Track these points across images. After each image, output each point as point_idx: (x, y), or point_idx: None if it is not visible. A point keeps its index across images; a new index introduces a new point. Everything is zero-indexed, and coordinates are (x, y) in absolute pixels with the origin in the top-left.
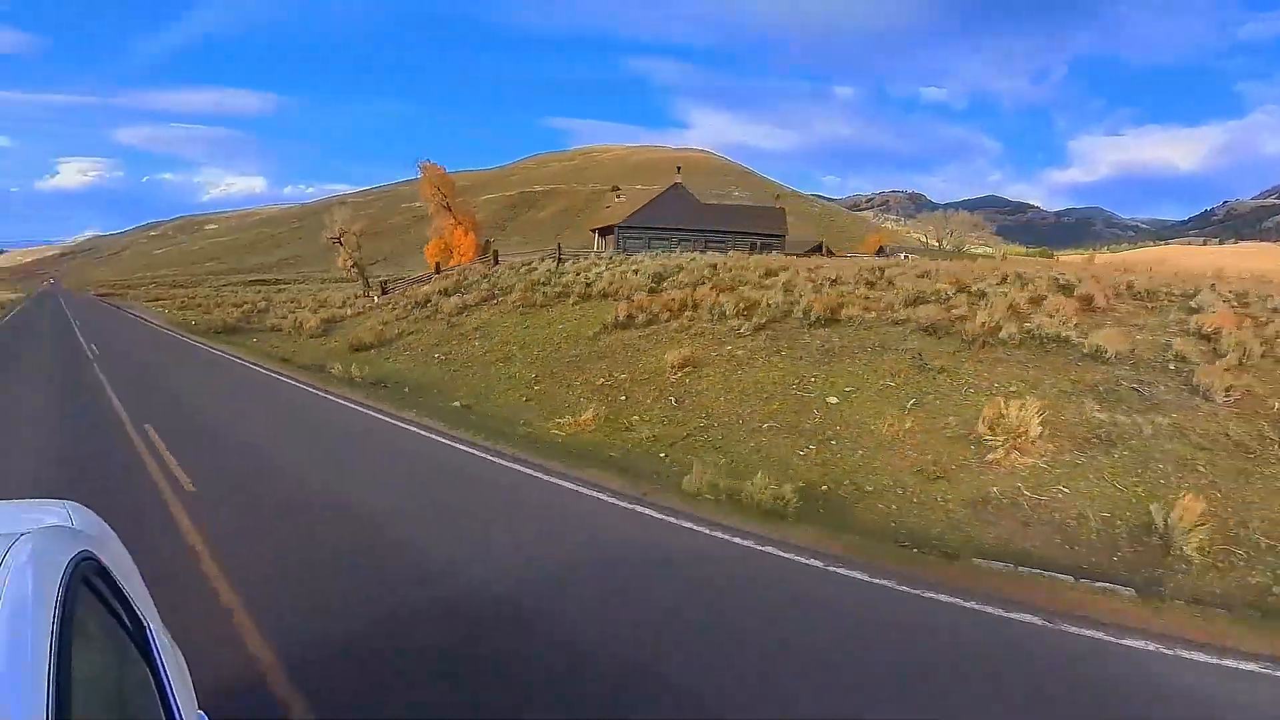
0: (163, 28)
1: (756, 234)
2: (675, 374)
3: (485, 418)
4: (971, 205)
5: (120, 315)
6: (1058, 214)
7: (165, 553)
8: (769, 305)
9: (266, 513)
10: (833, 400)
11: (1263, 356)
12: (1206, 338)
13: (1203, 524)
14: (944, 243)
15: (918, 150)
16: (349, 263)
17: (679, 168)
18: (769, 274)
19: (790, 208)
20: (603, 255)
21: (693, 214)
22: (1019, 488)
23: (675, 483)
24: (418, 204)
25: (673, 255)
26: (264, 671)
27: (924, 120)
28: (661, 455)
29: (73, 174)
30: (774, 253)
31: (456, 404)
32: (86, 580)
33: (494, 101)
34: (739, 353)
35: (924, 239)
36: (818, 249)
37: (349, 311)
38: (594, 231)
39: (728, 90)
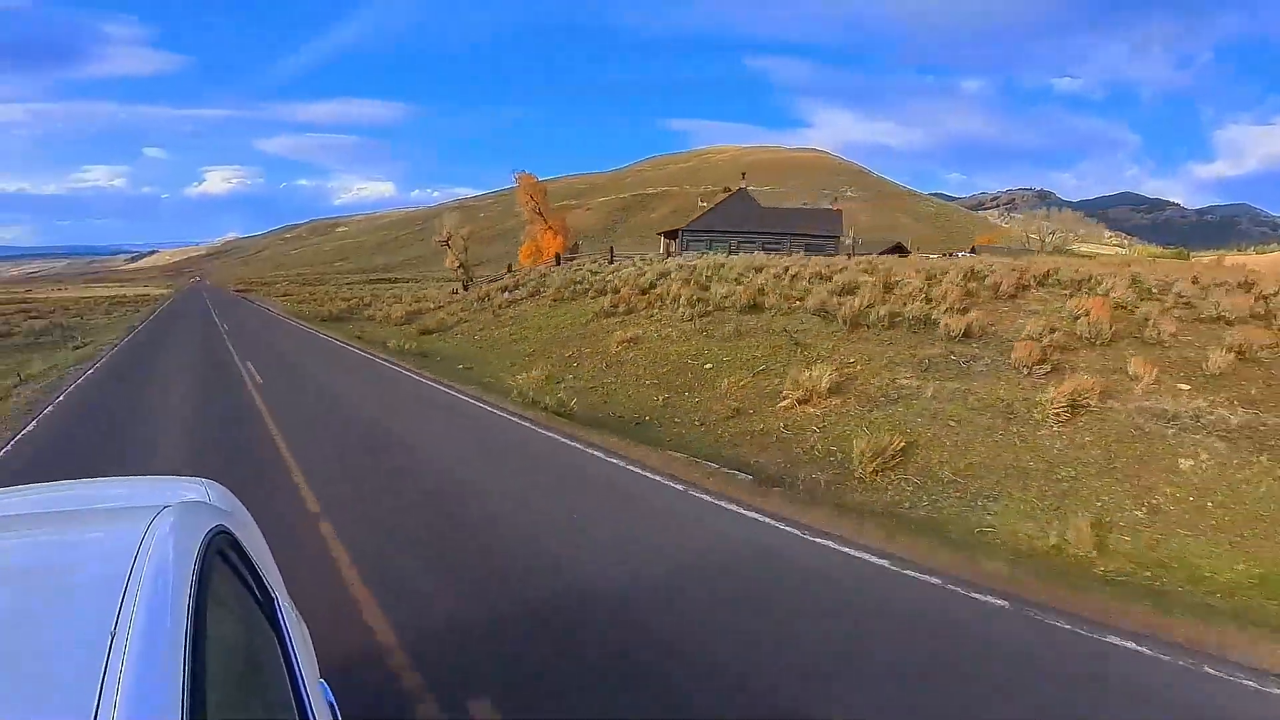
0: (300, 46)
1: (811, 235)
2: (617, 348)
3: (473, 374)
4: (1105, 203)
5: (249, 306)
6: (1199, 212)
7: (244, 402)
8: (719, 297)
9: (296, 393)
10: (708, 366)
11: (1115, 338)
12: (1075, 319)
13: (894, 460)
14: (1046, 242)
15: (1048, 145)
16: (455, 263)
17: (744, 174)
18: (756, 270)
19: (904, 207)
20: (645, 257)
21: (754, 217)
22: (781, 426)
23: (528, 404)
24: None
25: (704, 256)
26: (266, 419)
27: (1055, 113)
28: (560, 395)
29: (217, 181)
30: (793, 252)
31: (460, 367)
32: (221, 552)
33: (613, 104)
34: (673, 333)
35: (1026, 238)
36: (896, 249)
37: (432, 305)
38: (660, 235)
39: (850, 87)
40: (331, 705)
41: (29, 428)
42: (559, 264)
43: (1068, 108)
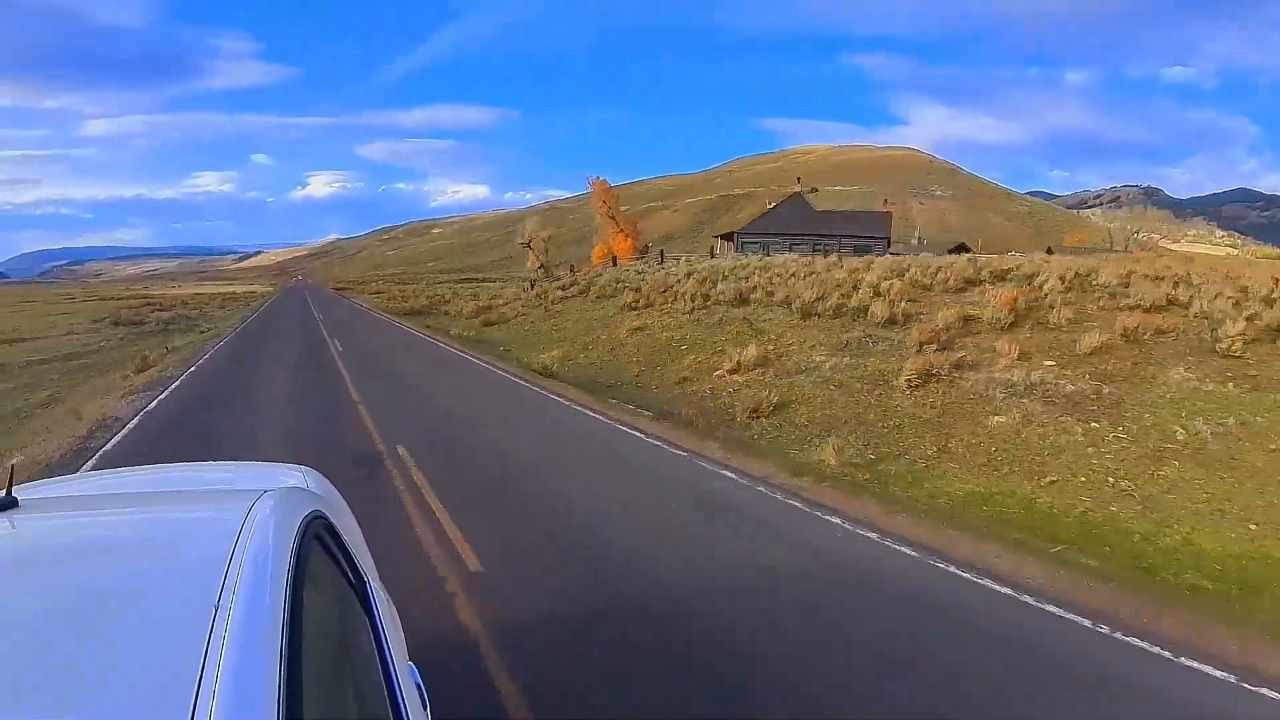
0: (398, 56)
1: (860, 237)
2: (625, 335)
3: (508, 353)
4: (1217, 200)
5: (343, 301)
6: None
7: (328, 359)
8: (719, 293)
9: (364, 357)
10: (683, 348)
11: (1018, 323)
12: (984, 307)
13: (768, 410)
14: (1130, 241)
15: (1157, 139)
16: (536, 264)
17: (799, 179)
18: (763, 270)
19: (996, 206)
20: (690, 259)
21: (807, 220)
22: (708, 389)
23: (541, 374)
24: (623, 208)
25: (739, 258)
26: (340, 367)
27: (1166, 105)
28: (565, 369)
29: (320, 185)
30: (840, 253)
31: (502, 349)
32: (318, 536)
33: (705, 105)
34: (671, 323)
35: (1109, 237)
36: (959, 248)
37: (501, 302)
38: (717, 237)
39: (948, 82)
40: (419, 687)
41: (190, 370)
42: (614, 265)
43: (1179, 99)
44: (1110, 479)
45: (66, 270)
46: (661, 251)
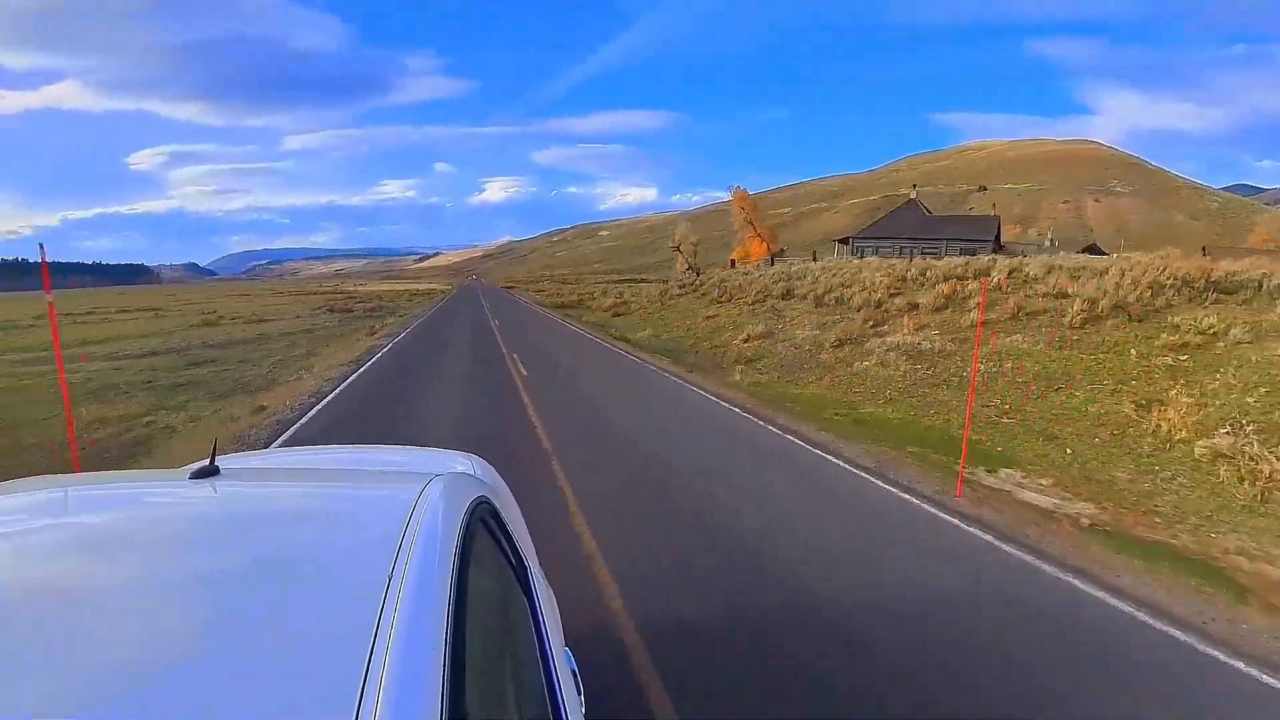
0: (573, 66)
1: (966, 239)
2: (700, 321)
3: (617, 333)
4: None
5: (507, 297)
6: None
7: (489, 328)
8: (778, 289)
9: (514, 329)
10: (729, 328)
11: (946, 305)
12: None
13: (745, 359)
14: None
15: None
16: (685, 266)
17: (914, 185)
18: (824, 268)
19: (1182, 204)
20: (793, 262)
21: (917, 225)
22: (724, 351)
23: (618, 338)
24: (785, 209)
25: (834, 260)
26: (495, 333)
27: None
28: (646, 340)
29: (495, 190)
30: (946, 255)
31: (611, 330)
32: (483, 519)
33: (875, 101)
34: (734, 312)
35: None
36: (1091, 249)
37: (634, 298)
38: (835, 241)
39: (1140, 66)
40: (574, 672)
41: (406, 330)
42: (732, 267)
43: None
44: (888, 391)
45: (266, 269)
46: (773, 256)
